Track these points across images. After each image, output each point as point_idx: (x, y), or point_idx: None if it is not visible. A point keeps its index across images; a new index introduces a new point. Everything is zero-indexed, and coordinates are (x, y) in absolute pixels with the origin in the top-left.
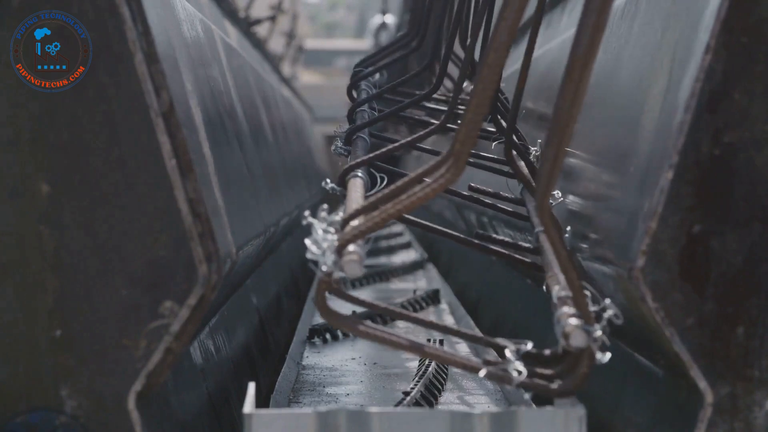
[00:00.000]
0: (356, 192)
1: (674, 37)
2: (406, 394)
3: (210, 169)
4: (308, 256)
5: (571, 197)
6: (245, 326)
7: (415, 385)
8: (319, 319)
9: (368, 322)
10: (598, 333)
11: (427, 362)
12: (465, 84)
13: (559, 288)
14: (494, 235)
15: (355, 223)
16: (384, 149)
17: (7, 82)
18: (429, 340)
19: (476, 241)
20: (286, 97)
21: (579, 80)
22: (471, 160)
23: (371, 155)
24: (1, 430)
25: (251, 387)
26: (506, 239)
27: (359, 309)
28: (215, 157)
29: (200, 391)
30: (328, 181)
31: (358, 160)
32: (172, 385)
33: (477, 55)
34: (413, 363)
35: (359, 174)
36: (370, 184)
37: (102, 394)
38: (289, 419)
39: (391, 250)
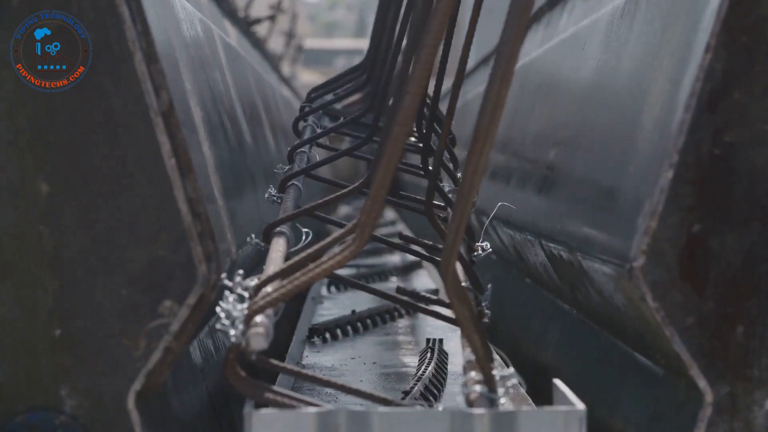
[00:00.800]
0: (277, 252)
1: (674, 37)
2: (406, 393)
3: (210, 168)
4: (217, 326)
5: (570, 196)
6: None
7: (415, 384)
8: (318, 319)
9: (276, 389)
10: (501, 401)
11: (426, 362)
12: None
13: (468, 351)
14: (415, 290)
15: (268, 289)
16: (314, 203)
17: (6, 82)
18: (428, 340)
19: (398, 296)
20: (285, 96)
21: (482, 148)
22: (392, 198)
23: (299, 210)
24: (1, 430)
25: None
26: (427, 294)
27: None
28: (215, 157)
29: (200, 391)
30: (253, 236)
31: (284, 215)
32: (171, 385)
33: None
34: (413, 362)
35: (284, 231)
36: (295, 239)
37: (102, 394)
38: (289, 419)
39: (391, 249)
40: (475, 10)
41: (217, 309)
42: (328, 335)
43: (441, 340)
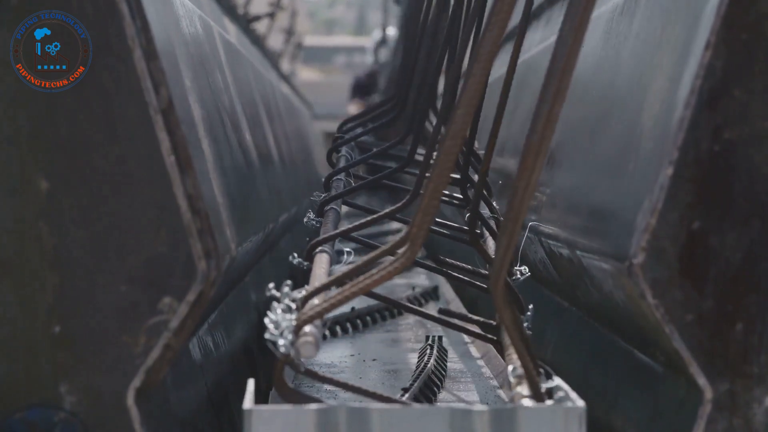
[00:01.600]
0: (321, 269)
1: (674, 34)
2: (405, 390)
3: (209, 165)
4: (266, 336)
5: (570, 193)
6: (244, 323)
7: (414, 381)
8: None
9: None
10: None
11: (426, 359)
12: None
13: (514, 368)
14: (459, 312)
15: (315, 301)
16: (353, 224)
17: (5, 79)
18: (428, 337)
19: (438, 315)
20: (285, 93)
21: (535, 162)
22: (435, 228)
23: (340, 231)
24: (1, 427)
25: (251, 383)
26: (470, 315)
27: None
28: (214, 154)
29: (199, 388)
30: (295, 255)
31: (326, 235)
32: (171, 382)
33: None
34: (413, 359)
35: (326, 249)
36: (337, 257)
37: (101, 391)
38: (289, 415)
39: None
40: (517, 45)
41: (265, 320)
42: (327, 333)
43: (441, 337)
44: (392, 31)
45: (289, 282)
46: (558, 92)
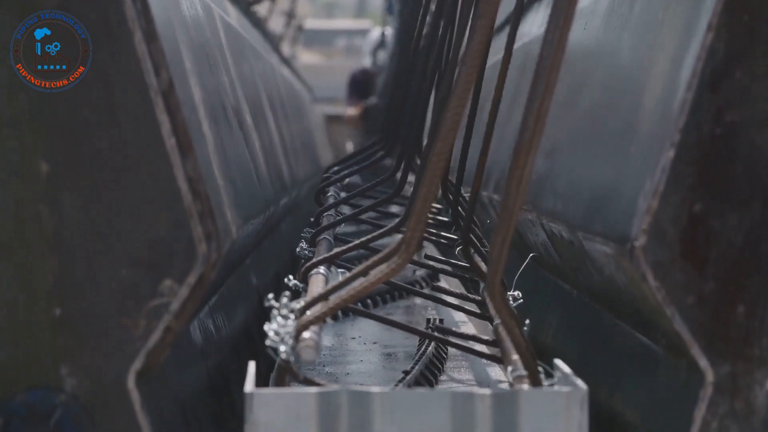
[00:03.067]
0: (317, 286)
1: (676, 16)
2: (406, 373)
3: (210, 148)
4: (267, 342)
5: (571, 175)
6: (245, 306)
7: (415, 364)
8: None
9: None
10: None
11: (427, 342)
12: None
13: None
14: (453, 329)
15: (313, 310)
16: (347, 246)
17: (5, 61)
18: (429, 320)
19: (435, 333)
20: (286, 77)
21: (524, 165)
22: (433, 264)
23: (333, 252)
24: (1, 410)
25: (251, 366)
26: (466, 332)
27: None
28: (215, 137)
29: (200, 370)
30: (291, 277)
31: (320, 257)
32: (171, 364)
33: None
34: (413, 343)
35: (321, 270)
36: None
37: (102, 373)
38: (290, 398)
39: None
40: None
41: (265, 328)
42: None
43: (441, 320)
44: (389, 32)
45: (287, 293)
46: (546, 89)
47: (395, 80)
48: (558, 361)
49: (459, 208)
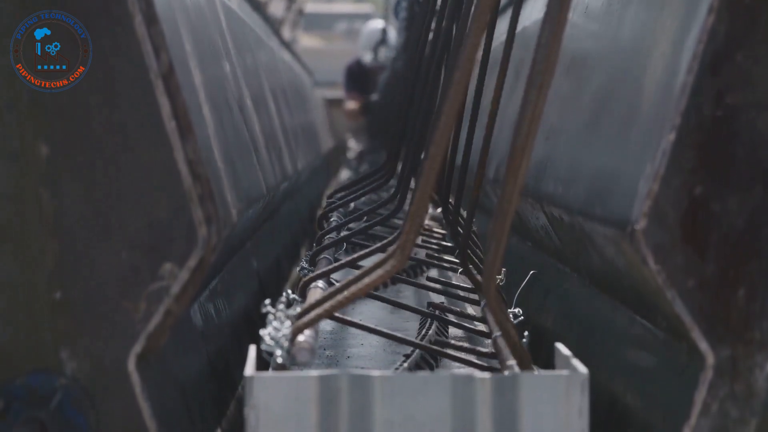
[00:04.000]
0: (314, 297)
1: None
2: (407, 357)
3: (210, 131)
4: (263, 347)
5: (572, 159)
6: (245, 290)
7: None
8: None
9: None
10: None
11: (427, 325)
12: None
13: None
14: (452, 341)
15: (310, 315)
16: (345, 260)
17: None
18: (429, 304)
19: (434, 346)
20: (286, 61)
21: (521, 160)
22: (433, 285)
23: (331, 266)
24: (1, 393)
25: (252, 350)
26: (464, 344)
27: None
28: (215, 120)
29: (200, 354)
30: (289, 291)
31: (318, 272)
32: (172, 348)
33: None
34: (414, 326)
35: (319, 284)
36: None
37: (102, 356)
38: (290, 382)
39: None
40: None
41: (261, 332)
42: None
43: (441, 303)
44: (392, 33)
45: (283, 299)
46: (541, 91)
47: (398, 112)
48: (559, 345)
49: (458, 227)
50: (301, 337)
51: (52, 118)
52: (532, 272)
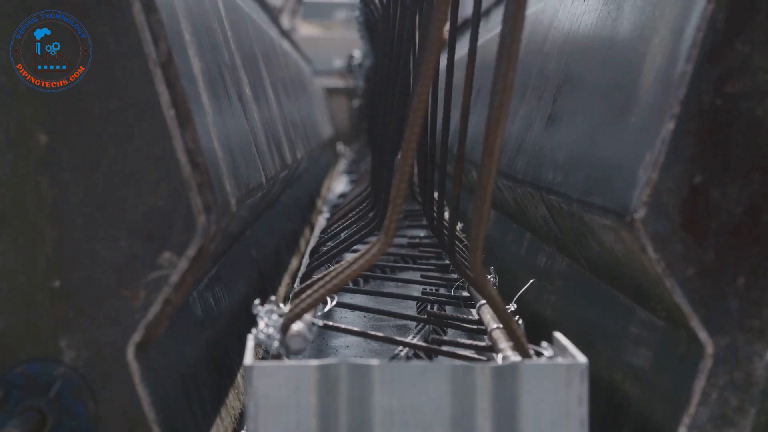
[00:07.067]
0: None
1: None
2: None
3: (209, 119)
4: (259, 336)
5: (572, 148)
6: (244, 278)
7: (414, 336)
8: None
9: None
10: None
11: (426, 315)
12: None
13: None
14: (446, 338)
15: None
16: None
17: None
18: (423, 292)
19: (432, 345)
20: (285, 49)
21: (494, 142)
22: (430, 298)
23: (322, 275)
24: (1, 381)
25: (250, 339)
26: (460, 340)
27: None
28: (214, 108)
29: (199, 342)
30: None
31: (310, 281)
32: (171, 336)
33: None
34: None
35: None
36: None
37: (101, 345)
38: (290, 371)
39: None
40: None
41: (253, 331)
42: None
43: (438, 290)
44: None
45: (273, 297)
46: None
47: (373, 152)
48: (557, 334)
49: (441, 220)
50: (294, 326)
51: (51, 106)
52: (531, 281)
